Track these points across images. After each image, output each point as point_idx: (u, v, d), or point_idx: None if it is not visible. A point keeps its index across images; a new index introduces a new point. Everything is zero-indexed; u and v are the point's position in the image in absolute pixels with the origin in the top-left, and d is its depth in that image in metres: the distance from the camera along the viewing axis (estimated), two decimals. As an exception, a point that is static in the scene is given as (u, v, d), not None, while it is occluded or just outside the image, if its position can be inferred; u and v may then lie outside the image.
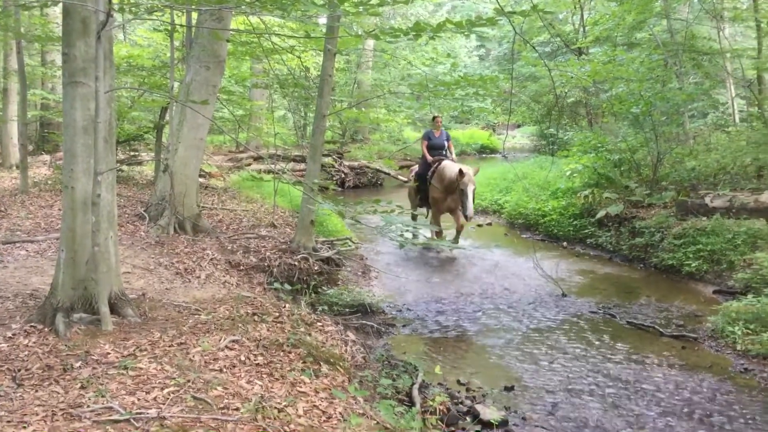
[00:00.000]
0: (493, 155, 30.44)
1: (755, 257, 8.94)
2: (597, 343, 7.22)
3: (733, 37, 18.90)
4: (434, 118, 12.17)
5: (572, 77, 10.63)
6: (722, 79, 16.58)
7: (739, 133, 14.99)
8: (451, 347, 7.13)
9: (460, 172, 10.53)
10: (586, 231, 12.37)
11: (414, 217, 11.92)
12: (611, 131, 14.72)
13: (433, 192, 11.39)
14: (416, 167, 12.67)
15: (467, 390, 5.87)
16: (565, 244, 12.52)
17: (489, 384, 6.03)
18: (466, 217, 10.52)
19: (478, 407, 5.30)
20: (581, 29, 19.57)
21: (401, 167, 24.29)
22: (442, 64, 23.67)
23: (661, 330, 7.53)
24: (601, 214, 12.09)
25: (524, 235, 13.45)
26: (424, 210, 12.64)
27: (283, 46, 11.02)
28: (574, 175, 14.15)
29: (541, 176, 15.46)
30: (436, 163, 11.52)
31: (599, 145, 13.44)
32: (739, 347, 6.85)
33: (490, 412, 5.20)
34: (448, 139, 12.11)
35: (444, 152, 11.87)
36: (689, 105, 15.69)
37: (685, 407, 5.57)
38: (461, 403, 5.48)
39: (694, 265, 9.76)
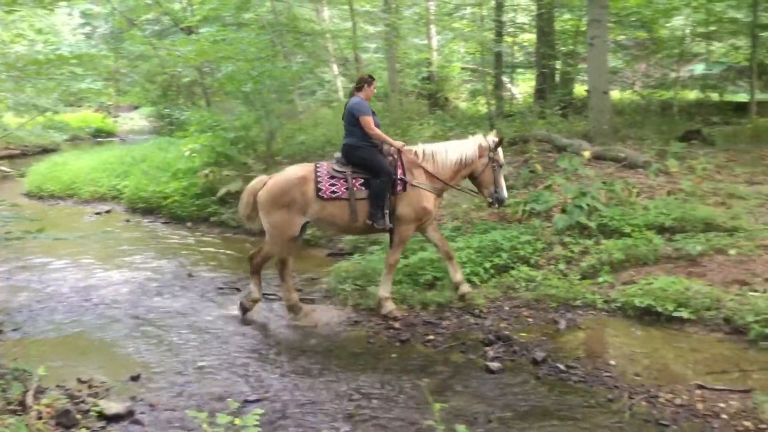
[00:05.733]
0: (109, 138, 28.75)
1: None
2: (226, 317, 7.35)
3: (332, 19, 20.51)
4: (369, 80, 7.29)
5: (180, 56, 10.51)
6: (326, 58, 17.93)
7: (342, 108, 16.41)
8: (70, 346, 6.66)
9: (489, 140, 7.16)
10: (210, 209, 12.42)
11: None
12: (226, 110, 15.00)
13: (422, 200, 7.07)
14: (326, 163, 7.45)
15: (89, 387, 5.53)
16: (189, 224, 12.41)
17: (114, 377, 5.77)
18: (501, 201, 7.27)
19: (102, 402, 5.06)
20: (189, 8, 19.46)
21: (2, 157, 21.85)
22: (40, 43, 21.58)
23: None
24: (222, 191, 12.24)
25: (147, 220, 13.02)
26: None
27: None
28: (194, 154, 14.07)
29: (161, 158, 15.14)
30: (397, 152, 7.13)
31: (215, 123, 13.55)
32: (350, 302, 7.51)
33: (114, 406, 5.00)
34: None
35: None
36: (298, 83, 16.70)
37: (306, 365, 6.00)
38: (83, 401, 5.14)
39: (309, 232, 10.44)
